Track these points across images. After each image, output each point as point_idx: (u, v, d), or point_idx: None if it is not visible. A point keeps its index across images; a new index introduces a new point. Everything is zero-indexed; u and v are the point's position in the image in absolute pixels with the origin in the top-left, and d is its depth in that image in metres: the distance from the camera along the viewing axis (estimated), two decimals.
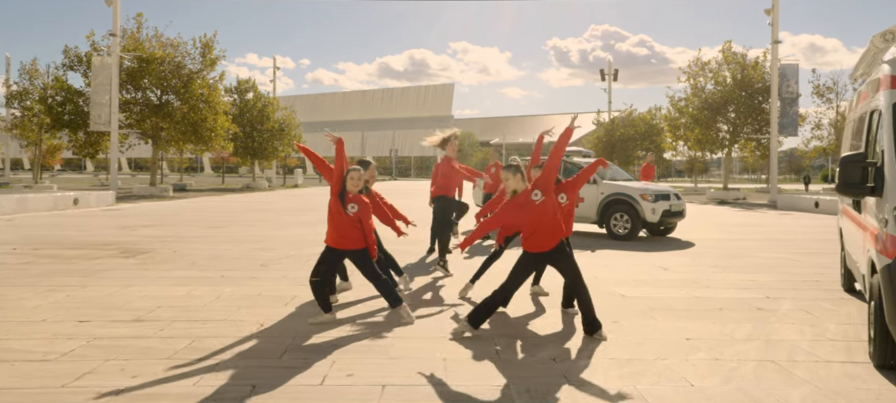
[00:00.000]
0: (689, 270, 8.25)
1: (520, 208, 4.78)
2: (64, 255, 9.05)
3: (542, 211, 4.76)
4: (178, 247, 10.10)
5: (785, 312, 5.78)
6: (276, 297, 6.25)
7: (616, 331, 5.03)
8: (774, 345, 4.66)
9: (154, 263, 8.43)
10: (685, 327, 5.22)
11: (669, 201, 11.97)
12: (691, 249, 10.54)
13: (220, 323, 5.17)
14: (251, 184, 42.81)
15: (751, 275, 7.82)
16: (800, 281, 7.47)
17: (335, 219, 5.17)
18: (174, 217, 16.52)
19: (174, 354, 4.31)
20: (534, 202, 4.76)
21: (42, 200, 18.02)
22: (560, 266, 4.88)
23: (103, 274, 7.46)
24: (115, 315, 5.42)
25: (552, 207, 4.80)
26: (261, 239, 11.52)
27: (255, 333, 4.91)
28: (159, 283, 6.94)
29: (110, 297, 6.16)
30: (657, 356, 4.39)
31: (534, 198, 4.77)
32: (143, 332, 4.88)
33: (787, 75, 29.07)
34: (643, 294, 6.58)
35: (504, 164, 5.19)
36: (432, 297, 6.41)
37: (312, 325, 5.14)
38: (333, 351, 4.43)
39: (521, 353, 4.47)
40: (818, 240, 11.95)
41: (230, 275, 7.51)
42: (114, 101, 28.13)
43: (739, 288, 6.94)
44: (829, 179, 70.81)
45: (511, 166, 4.86)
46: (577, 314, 5.60)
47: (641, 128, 47.36)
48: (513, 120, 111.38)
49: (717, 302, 6.18)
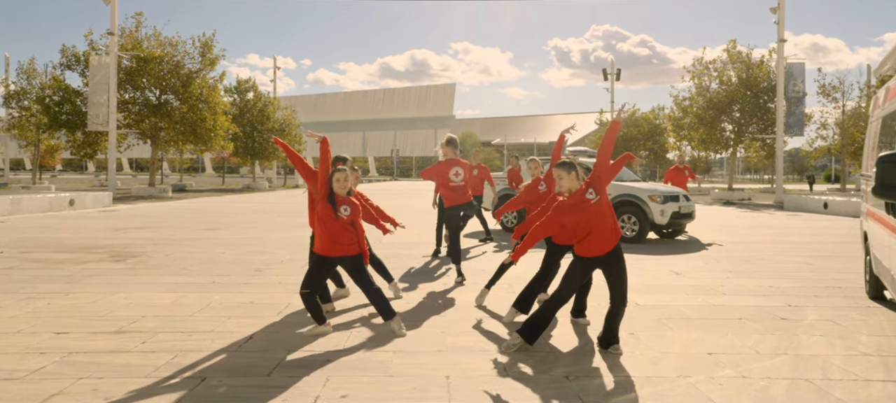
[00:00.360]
0: (702, 275, 7.89)
1: (573, 209, 4.37)
2: (52, 259, 8.71)
3: (598, 212, 4.36)
4: (170, 251, 9.76)
5: (810, 322, 5.42)
6: (268, 305, 5.91)
7: (632, 344, 4.67)
8: (805, 361, 4.30)
9: (144, 268, 8.09)
10: (705, 339, 4.86)
11: (679, 202, 11.61)
12: (702, 253, 10.18)
13: (207, 336, 4.82)
14: (251, 185, 42.51)
15: (768, 281, 7.46)
16: (820, 287, 7.10)
17: (326, 225, 4.77)
18: (170, 218, 16.18)
19: (153, 371, 3.96)
20: (589, 202, 4.35)
21: (37, 201, 17.69)
22: (612, 272, 4.42)
23: (89, 280, 7.12)
24: (95, 326, 5.07)
25: (608, 207, 4.41)
26: (257, 241, 11.18)
27: (244, 347, 4.56)
28: (147, 290, 6.59)
29: (93, 306, 5.81)
30: (679, 373, 4.04)
31: (589, 197, 4.35)
32: (122, 345, 4.53)
33: (794, 74, 28.66)
34: (657, 301, 6.22)
35: (557, 162, 4.74)
36: (435, 306, 6.06)
37: (306, 337, 4.79)
38: (327, 367, 4.08)
39: (531, 370, 4.12)
40: (832, 243, 11.58)
41: (222, 281, 7.16)
42: (112, 101, 27.82)
43: (758, 295, 6.58)
44: (832, 179, 70.34)
45: (566, 163, 4.42)
46: (589, 324, 5.26)
47: (644, 128, 47.05)
48: (514, 120, 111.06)
49: (736, 311, 5.82)
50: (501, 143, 78.89)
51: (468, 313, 5.70)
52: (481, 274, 7.53)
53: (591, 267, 4.47)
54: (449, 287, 7.00)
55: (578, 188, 4.41)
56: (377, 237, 8.40)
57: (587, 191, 4.38)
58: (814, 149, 39.98)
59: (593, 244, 4.38)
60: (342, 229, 4.79)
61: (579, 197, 4.39)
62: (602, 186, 4.41)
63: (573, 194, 4.41)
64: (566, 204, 4.41)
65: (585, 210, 4.35)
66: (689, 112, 34.48)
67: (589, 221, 4.34)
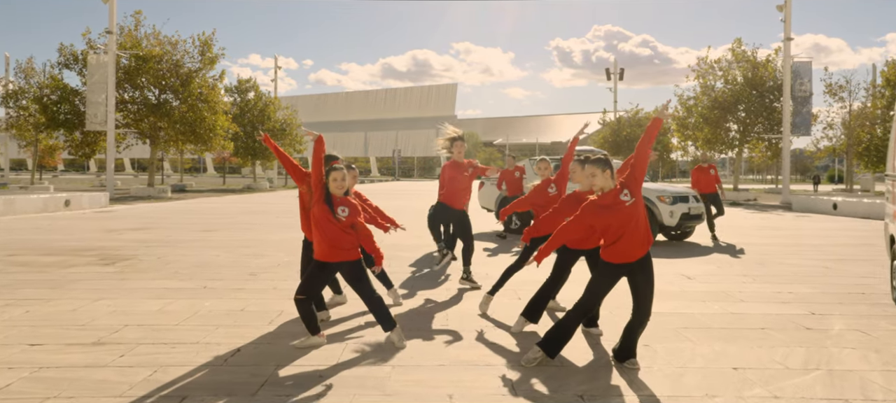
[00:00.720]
0: (716, 280, 7.54)
1: (606, 211, 3.98)
2: (38, 263, 8.38)
3: (632, 215, 3.98)
4: (163, 253, 9.42)
5: (838, 333, 5.06)
6: (260, 313, 5.57)
7: (650, 358, 4.32)
8: (841, 379, 3.95)
9: (133, 272, 7.75)
10: (728, 352, 4.51)
11: (688, 204, 11.26)
12: (713, 256, 9.82)
13: (192, 348, 4.48)
14: (252, 185, 42.22)
15: (786, 287, 7.10)
16: (842, 293, 6.74)
17: (324, 229, 4.39)
18: (167, 219, 15.86)
19: (129, 390, 3.62)
20: (623, 203, 3.95)
21: (31, 202, 17.39)
22: (640, 281, 4.03)
23: (74, 285, 6.78)
24: (73, 336, 4.74)
25: (643, 210, 4.04)
26: (254, 243, 10.84)
27: (230, 361, 4.22)
28: (133, 296, 6.26)
29: (74, 314, 5.48)
30: (705, 391, 3.69)
31: (623, 198, 3.96)
32: (99, 359, 4.19)
33: (800, 73, 28.24)
34: (672, 309, 5.87)
35: (591, 159, 4.39)
36: (436, 315, 5.71)
37: (298, 350, 4.45)
38: (320, 385, 3.74)
39: (542, 387, 3.77)
40: (846, 246, 11.21)
41: (213, 286, 6.82)
42: (110, 100, 27.52)
43: (778, 302, 6.23)
44: (835, 180, 69.82)
45: (600, 160, 4.04)
46: (602, 334, 4.92)
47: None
48: (516, 120, 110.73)
49: (757, 320, 5.47)
50: (503, 143, 78.54)
51: (471, 322, 5.36)
52: (484, 278, 7.18)
53: (619, 275, 4.09)
54: (453, 294, 6.65)
55: (612, 188, 4.04)
56: (378, 237, 8.09)
57: (621, 192, 4.02)
58: (819, 149, 39.58)
59: (624, 249, 4.00)
60: (341, 232, 4.44)
61: (613, 197, 4.01)
62: (638, 188, 4.03)
63: (606, 194, 4.02)
64: (597, 204, 4.02)
65: (619, 212, 3.97)
66: (693, 111, 34.12)
67: (622, 225, 3.96)
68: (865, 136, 34.83)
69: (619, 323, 5.11)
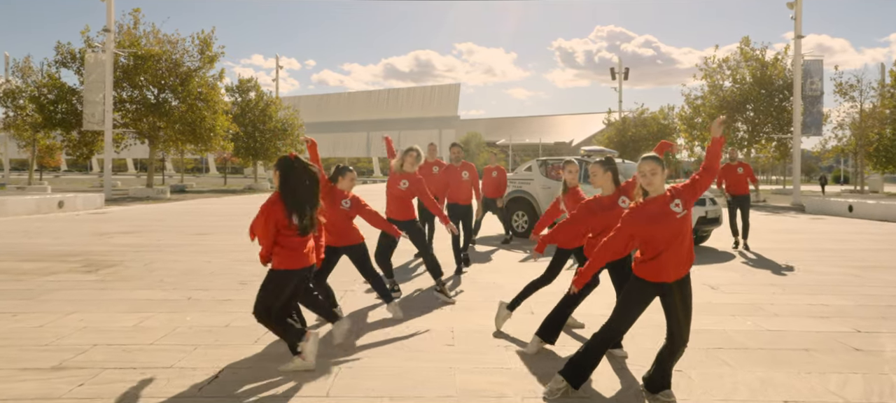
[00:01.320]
0: (743, 290, 6.98)
1: (653, 221, 3.41)
2: (17, 270, 7.86)
3: (681, 230, 3.42)
4: (151, 259, 8.90)
5: (894, 356, 4.51)
6: (245, 330, 5.04)
7: (684, 387, 3.77)
8: None
9: (116, 280, 7.22)
10: (774, 380, 3.96)
11: (705, 207, 10.69)
12: (735, 262, 9.26)
13: (164, 373, 3.94)
14: (253, 185, 41.74)
15: (820, 298, 6.54)
16: (883, 306, 6.18)
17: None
18: (161, 222, 15.34)
19: None
20: (674, 214, 3.37)
21: (23, 203, 16.89)
22: (676, 303, 3.48)
23: (49, 297, 6.26)
24: (32, 359, 4.20)
25: (690, 226, 3.48)
26: (248, 247, 10.30)
27: (205, 390, 3.68)
28: (110, 309, 5.73)
29: (40, 330, 4.95)
30: None
31: (674, 208, 3.38)
32: (54, 389, 3.66)
33: (811, 72, 27.62)
34: (701, 325, 5.31)
35: (600, 160, 3.81)
36: (442, 332, 5.16)
37: (284, 376, 3.92)
38: None
39: None
40: (871, 251, 10.64)
41: (199, 297, 6.29)
42: (108, 100, 27.04)
43: (816, 317, 5.66)
44: (841, 181, 69.16)
45: (655, 158, 3.48)
46: (627, 356, 4.37)
47: (653, 128, 46.04)
48: (518, 120, 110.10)
49: (798, 339, 4.92)
50: (506, 144, 77.95)
51: (481, 342, 4.81)
52: (497, 288, 6.63)
53: (653, 295, 3.52)
54: (458, 307, 6.10)
55: (663, 194, 3.49)
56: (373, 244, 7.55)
57: (672, 201, 3.46)
58: (827, 149, 38.95)
59: (665, 266, 3.42)
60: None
61: (663, 205, 3.44)
62: (691, 202, 3.47)
63: (655, 199, 3.46)
64: (644, 211, 3.44)
65: (668, 224, 3.40)
66: (701, 111, 33.53)
67: (668, 239, 3.39)
68: (874, 137, 34.21)
69: (643, 343, 4.56)
